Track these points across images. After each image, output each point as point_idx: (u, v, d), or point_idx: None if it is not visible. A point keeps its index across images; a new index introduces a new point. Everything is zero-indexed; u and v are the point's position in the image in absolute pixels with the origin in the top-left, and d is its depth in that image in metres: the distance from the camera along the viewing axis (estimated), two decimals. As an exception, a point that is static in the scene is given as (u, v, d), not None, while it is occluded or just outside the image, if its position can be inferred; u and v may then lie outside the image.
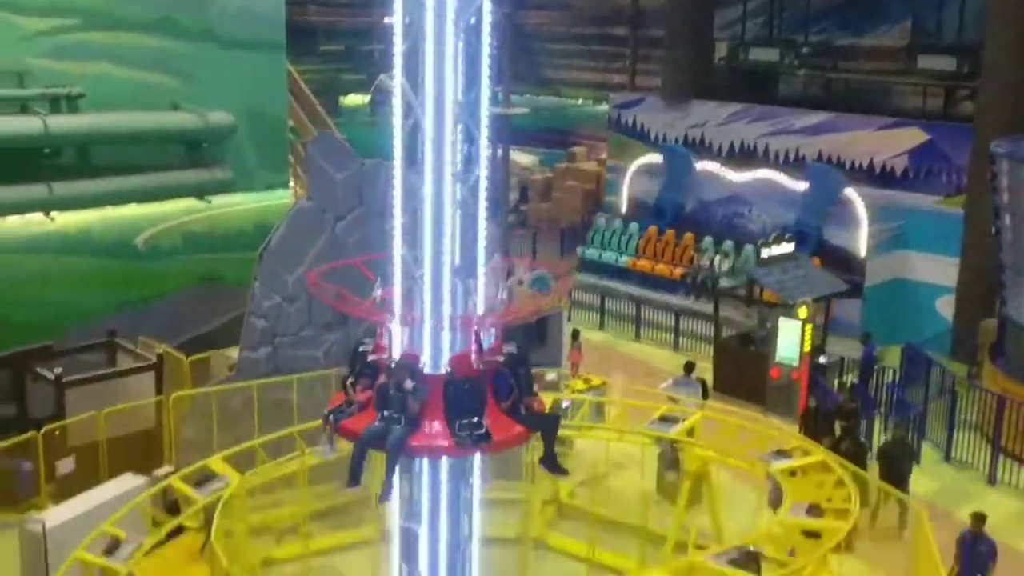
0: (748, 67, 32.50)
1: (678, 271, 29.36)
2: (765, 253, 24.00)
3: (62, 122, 20.57)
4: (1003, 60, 24.12)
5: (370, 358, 10.03)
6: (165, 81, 21.71)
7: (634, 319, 27.51)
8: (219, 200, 22.67)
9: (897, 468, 16.91)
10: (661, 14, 34.45)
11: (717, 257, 28.72)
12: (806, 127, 28.96)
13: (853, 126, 28.14)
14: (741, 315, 25.27)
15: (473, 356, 9.60)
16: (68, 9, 20.19)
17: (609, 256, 31.01)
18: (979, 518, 14.47)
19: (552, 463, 10.53)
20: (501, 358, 9.90)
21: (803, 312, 21.68)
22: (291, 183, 24.26)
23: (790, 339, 21.85)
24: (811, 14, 32.71)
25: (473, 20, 9.52)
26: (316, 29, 33.79)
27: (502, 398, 9.80)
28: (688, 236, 29.78)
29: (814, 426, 18.73)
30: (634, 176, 32.67)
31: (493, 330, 10.07)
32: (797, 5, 33.06)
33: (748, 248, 27.83)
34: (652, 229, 30.63)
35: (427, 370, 9.68)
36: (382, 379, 9.68)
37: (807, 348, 21.67)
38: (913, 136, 26.88)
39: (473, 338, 9.64)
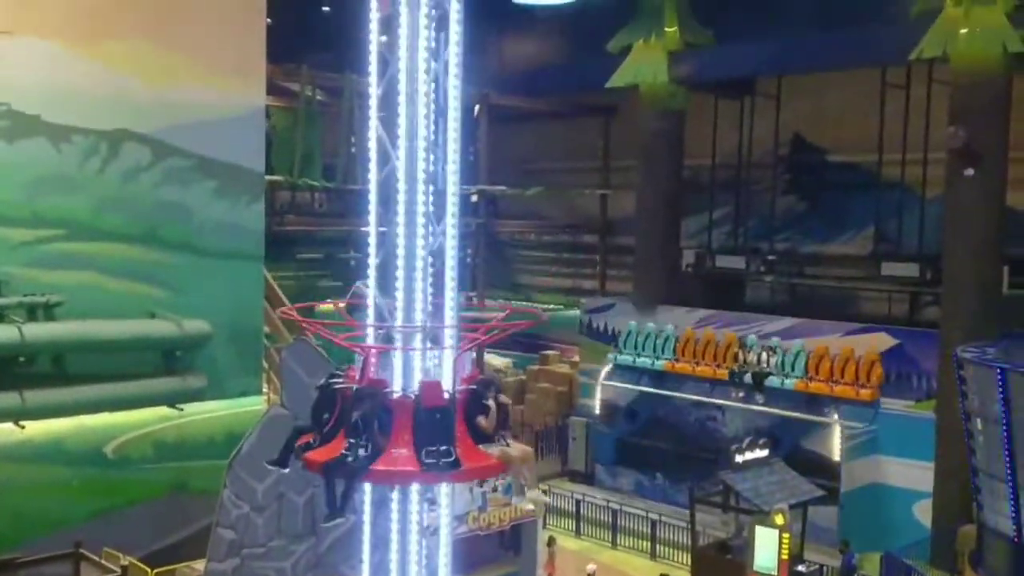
0: (715, 274, 33.27)
1: (721, 371, 29.41)
2: (739, 459, 23.94)
3: (38, 330, 20.68)
4: (963, 268, 24.83)
5: (337, 386, 9.89)
6: (145, 290, 22.00)
7: (610, 526, 27.15)
8: (191, 407, 22.60)
9: None
10: (630, 222, 35.50)
11: (763, 353, 28.79)
12: (774, 332, 29.42)
13: (820, 331, 28.61)
14: (718, 522, 24.99)
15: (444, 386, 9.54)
16: (53, 221, 20.62)
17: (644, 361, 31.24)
18: None
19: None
20: (474, 386, 9.77)
21: (779, 519, 21.50)
22: (264, 389, 24.26)
23: (767, 547, 21.59)
24: (776, 223, 33.76)
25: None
26: (295, 238, 34.46)
27: (474, 427, 9.64)
28: (729, 335, 29.85)
29: None
30: (607, 378, 32.87)
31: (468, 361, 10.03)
32: (762, 214, 34.15)
33: (798, 342, 28.24)
34: (689, 330, 30.90)
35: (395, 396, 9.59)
36: (348, 407, 9.56)
37: (785, 556, 21.38)
38: (882, 341, 27.32)
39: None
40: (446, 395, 9.61)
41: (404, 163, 9.74)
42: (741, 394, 28.97)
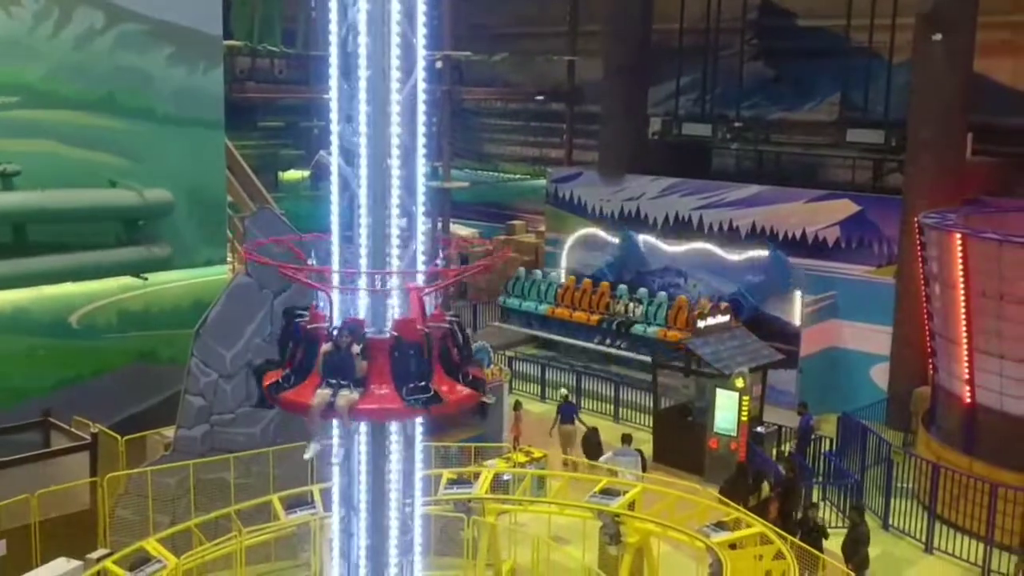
0: (682, 142, 33.15)
1: (595, 317, 30.09)
2: (701, 324, 24.27)
3: (-3, 199, 20.39)
4: (927, 134, 24.88)
5: (309, 326, 9.99)
6: (104, 158, 21.61)
7: (575, 390, 27.61)
8: (156, 277, 22.49)
9: (855, 555, 17.02)
10: (597, 91, 35.18)
11: (631, 304, 29.44)
12: (739, 200, 29.55)
13: (785, 198, 28.76)
14: (680, 385, 25.47)
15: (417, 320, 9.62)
16: (7, 88, 20.12)
17: (529, 305, 31.74)
18: None
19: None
20: (445, 324, 9.91)
21: (740, 383, 21.95)
22: (229, 259, 24.16)
23: (727, 410, 22.09)
24: (743, 90, 33.54)
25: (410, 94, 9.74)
26: (255, 105, 33.91)
27: (447, 362, 9.81)
28: (604, 285, 30.42)
29: (738, 484, 19.06)
30: (572, 248, 33.05)
31: (434, 298, 10.10)
32: (729, 81, 33.90)
33: (661, 295, 28.95)
34: (571, 279, 31.54)
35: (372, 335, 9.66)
36: (327, 346, 9.61)
37: (744, 418, 21.90)
38: (844, 208, 27.52)
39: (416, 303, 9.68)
40: (421, 332, 9.64)
41: (365, 23, 9.49)
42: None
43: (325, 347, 9.59)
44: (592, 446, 21.75)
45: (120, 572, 13.23)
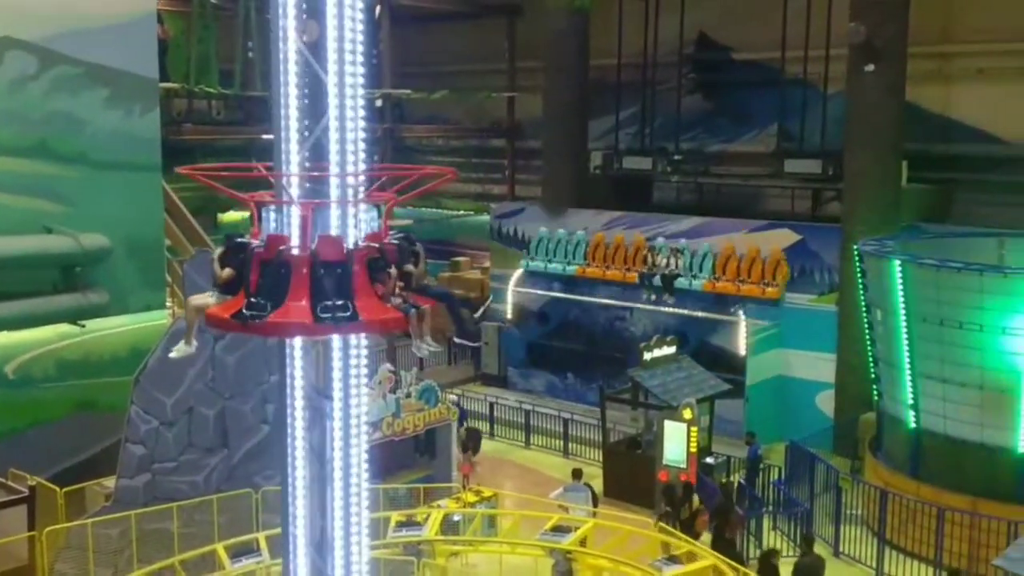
0: (623, 175, 33.35)
1: (632, 274, 29.60)
2: (647, 356, 24.30)
3: (-72, 248, 19.96)
4: (863, 162, 25.24)
5: (238, 240, 9.69)
6: (39, 204, 21.27)
7: (524, 427, 27.51)
8: (94, 324, 22.10)
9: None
10: (537, 126, 35.31)
11: (671, 256, 29.12)
12: (681, 231, 29.71)
13: (726, 229, 28.96)
14: (628, 419, 25.45)
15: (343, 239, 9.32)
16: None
17: (556, 266, 31.41)
18: None
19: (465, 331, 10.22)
20: (376, 244, 9.64)
21: (687, 414, 21.97)
22: (168, 303, 23.82)
23: (676, 441, 22.08)
24: (681, 123, 33.85)
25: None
26: (193, 147, 33.57)
27: (379, 282, 9.37)
28: (639, 238, 30.08)
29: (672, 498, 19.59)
30: (518, 283, 32.98)
31: (378, 214, 9.84)
32: (668, 114, 34.20)
33: (705, 244, 28.67)
34: (599, 235, 31.01)
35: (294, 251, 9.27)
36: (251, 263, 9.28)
37: (693, 449, 21.90)
38: (785, 237, 27.78)
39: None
40: (345, 250, 9.39)
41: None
42: (653, 296, 29.29)
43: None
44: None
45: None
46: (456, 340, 33.01)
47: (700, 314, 28.09)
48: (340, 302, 9.29)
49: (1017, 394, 19.49)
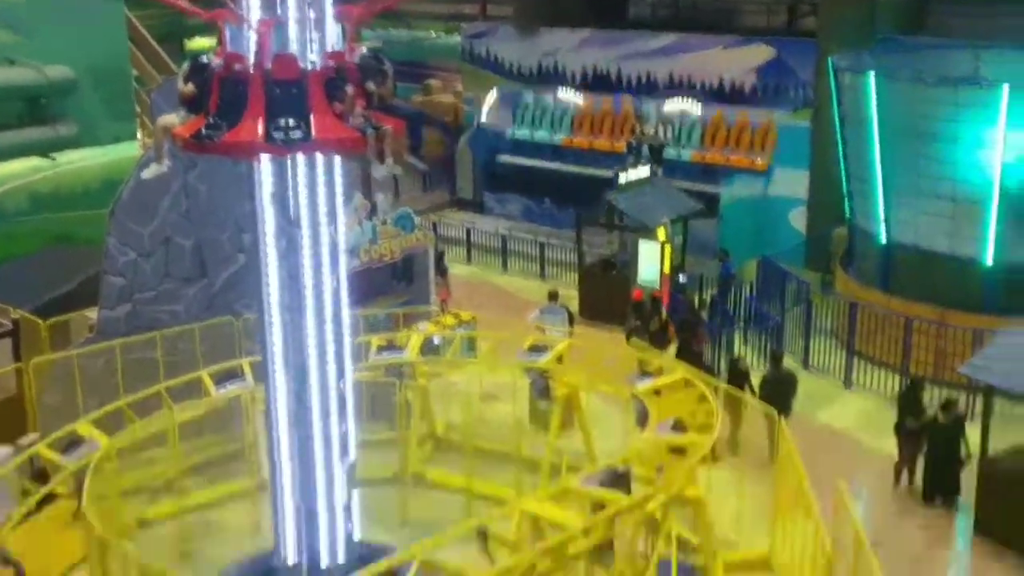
0: (598, -9, 32.56)
1: (619, 144, 28.79)
2: (623, 178, 24.32)
3: None
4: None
5: (203, 59, 9.65)
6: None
7: (500, 251, 27.72)
8: (65, 156, 21.88)
9: (782, 397, 17.44)
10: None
11: (660, 126, 28.68)
12: (657, 49, 29.26)
13: (702, 46, 28.53)
14: (604, 242, 25.66)
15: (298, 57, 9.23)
16: None
17: (542, 135, 31.12)
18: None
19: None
20: (333, 63, 9.51)
21: (661, 234, 22.17)
22: (139, 134, 23.55)
23: (650, 261, 22.37)
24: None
25: None
26: (154, -28, 32.56)
27: (336, 101, 9.39)
28: (627, 106, 29.72)
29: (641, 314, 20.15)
30: (492, 107, 32.66)
31: (343, 30, 9.78)
32: (643, -73, 33.21)
33: (693, 116, 28.28)
34: (587, 104, 30.58)
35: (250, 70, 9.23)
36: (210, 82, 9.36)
37: (667, 268, 22.21)
38: (760, 53, 27.42)
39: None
40: (300, 67, 9.21)
41: None
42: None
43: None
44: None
45: (53, 455, 13.21)
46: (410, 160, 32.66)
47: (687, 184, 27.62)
48: (293, 121, 9.11)
49: (987, 206, 19.72)
